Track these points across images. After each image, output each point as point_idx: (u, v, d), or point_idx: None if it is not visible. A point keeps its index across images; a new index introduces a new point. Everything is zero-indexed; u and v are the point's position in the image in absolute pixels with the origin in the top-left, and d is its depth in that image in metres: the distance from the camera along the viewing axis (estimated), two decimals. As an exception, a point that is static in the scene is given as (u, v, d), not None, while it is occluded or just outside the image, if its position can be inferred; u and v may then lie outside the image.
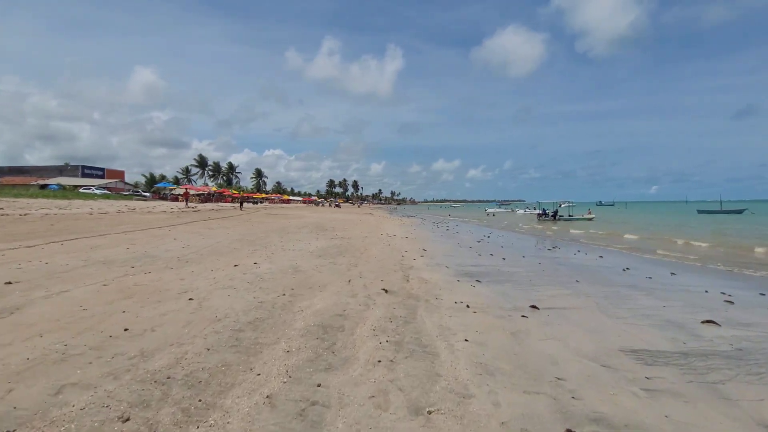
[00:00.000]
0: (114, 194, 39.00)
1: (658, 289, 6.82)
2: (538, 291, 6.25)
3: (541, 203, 39.79)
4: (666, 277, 8.17)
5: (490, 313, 4.78)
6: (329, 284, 5.81)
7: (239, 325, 3.66)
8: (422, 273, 7.32)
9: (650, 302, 5.82)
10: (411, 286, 6.05)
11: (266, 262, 7.28)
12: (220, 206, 37.77)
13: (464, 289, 6.13)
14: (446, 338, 3.75)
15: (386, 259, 8.78)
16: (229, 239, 10.58)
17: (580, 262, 10.14)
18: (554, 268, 8.82)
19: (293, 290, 5.24)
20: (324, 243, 11.29)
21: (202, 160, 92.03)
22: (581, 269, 8.81)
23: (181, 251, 7.94)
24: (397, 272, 7.25)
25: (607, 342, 3.93)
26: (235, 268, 6.47)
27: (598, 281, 7.38)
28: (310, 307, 4.45)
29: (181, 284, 5.10)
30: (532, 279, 7.28)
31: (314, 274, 6.53)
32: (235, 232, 12.50)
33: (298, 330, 3.66)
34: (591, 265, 9.65)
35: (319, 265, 7.35)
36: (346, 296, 5.13)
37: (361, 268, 7.45)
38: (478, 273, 7.69)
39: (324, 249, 9.89)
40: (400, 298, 5.23)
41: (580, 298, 5.84)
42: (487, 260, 9.67)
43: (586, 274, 8.08)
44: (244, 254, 8.13)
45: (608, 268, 9.23)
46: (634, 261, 10.89)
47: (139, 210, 21.21)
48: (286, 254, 8.54)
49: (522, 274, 7.82)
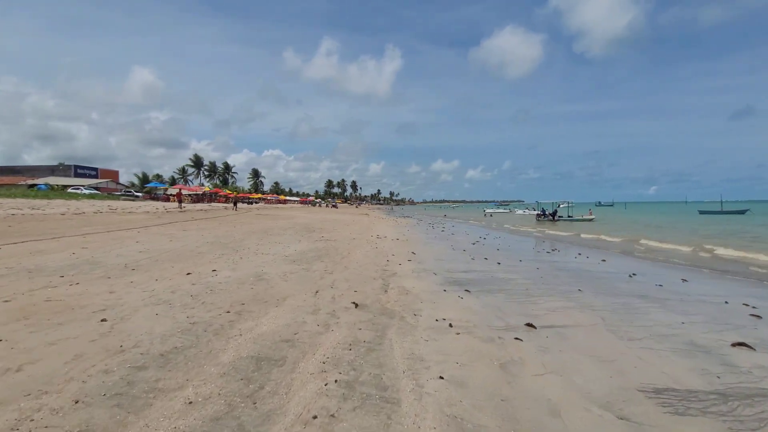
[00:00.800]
0: (102, 194, 38.06)
1: (671, 300, 5.98)
2: (535, 303, 5.41)
3: (540, 203, 38.99)
4: (678, 285, 7.34)
5: (476, 335, 3.94)
6: (291, 296, 4.96)
7: (145, 360, 2.81)
8: (405, 281, 6.48)
9: (666, 317, 4.99)
10: (388, 298, 5.20)
11: (228, 269, 6.43)
12: (212, 206, 36.88)
13: (450, 301, 5.29)
14: (415, 375, 2.90)
15: (368, 265, 7.93)
16: (200, 242, 9.72)
17: (582, 266, 9.31)
18: (554, 274, 7.99)
19: (243, 305, 4.39)
20: (305, 246, 10.44)
21: (198, 160, 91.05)
22: (583, 275, 7.98)
23: (134, 256, 7.08)
24: (376, 280, 6.40)
25: (623, 377, 3.10)
26: (187, 277, 5.62)
27: (604, 290, 6.55)
28: (253, 330, 3.61)
29: (104, 299, 4.25)
30: (529, 288, 6.44)
31: (278, 283, 5.67)
32: (211, 234, 11.64)
33: (223, 366, 2.81)
34: (594, 270, 8.82)
35: (288, 272, 6.50)
36: (305, 313, 4.28)
37: (337, 275, 6.60)
38: (468, 280, 6.85)
39: (302, 253, 9.04)
40: (371, 315, 4.38)
41: (584, 313, 5.00)
42: (480, 265, 8.83)
43: (589, 282, 7.25)
44: (207, 259, 7.28)
45: (613, 273, 8.40)
46: (640, 265, 10.06)
47: (121, 210, 20.33)
48: (256, 259, 7.69)
49: (518, 281, 6.98)
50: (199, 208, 30.28)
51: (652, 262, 11.06)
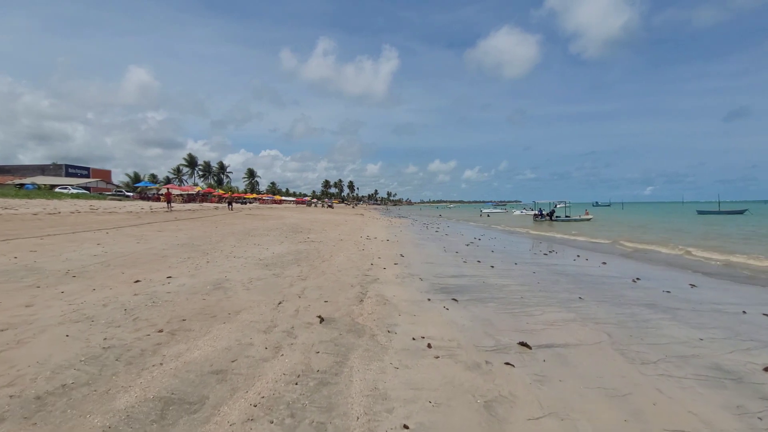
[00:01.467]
0: (87, 194, 37.13)
1: (683, 310, 5.33)
2: (531, 315, 4.74)
3: (537, 203, 38.42)
4: (686, 291, 6.70)
5: (459, 359, 3.26)
6: (247, 309, 4.26)
7: (8, 407, 2.11)
8: (386, 288, 5.79)
9: (680, 331, 4.33)
10: (362, 310, 4.51)
11: (186, 276, 5.71)
12: (203, 206, 36.05)
13: (433, 313, 4.61)
14: (373, 423, 2.22)
15: (349, 269, 7.24)
16: (170, 244, 8.99)
17: (581, 270, 8.66)
18: (551, 279, 7.33)
19: (183, 322, 3.69)
20: (286, 248, 9.74)
21: (192, 160, 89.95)
22: (583, 280, 7.32)
23: (84, 261, 6.35)
24: (353, 288, 5.71)
25: (641, 421, 2.42)
26: (132, 286, 4.90)
27: (607, 297, 5.89)
28: (181, 356, 2.91)
29: (12, 316, 3.53)
30: (524, 296, 5.77)
31: (238, 292, 4.97)
32: (186, 235, 10.90)
33: (113, 414, 2.11)
34: (594, 274, 8.17)
35: (254, 279, 5.79)
36: (256, 331, 3.58)
37: (311, 282, 5.91)
38: (457, 287, 6.17)
39: (280, 256, 8.33)
40: (337, 333, 3.69)
41: (587, 327, 4.33)
42: (472, 268, 8.15)
43: (590, 288, 6.59)
44: (167, 264, 6.56)
45: (615, 278, 7.75)
46: (642, 269, 9.42)
47: (102, 210, 19.53)
48: (224, 263, 6.97)
49: (512, 287, 6.31)
50: (189, 208, 29.47)
51: (655, 265, 10.43)
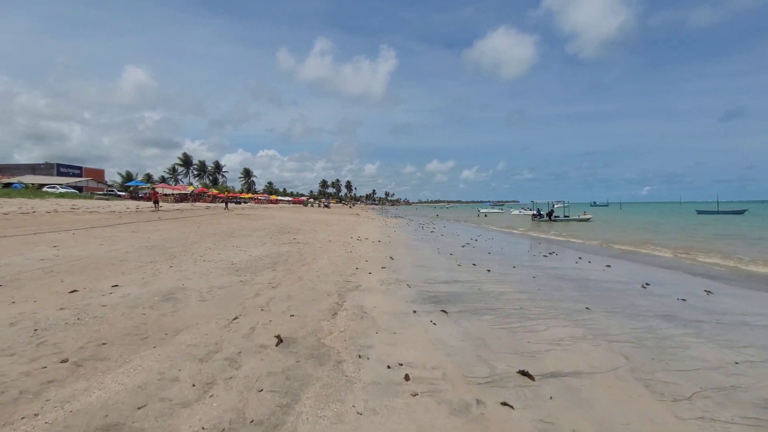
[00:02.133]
0: (77, 193, 36.23)
1: (706, 323, 4.65)
2: (532, 330, 4.04)
3: (536, 203, 37.81)
4: (703, 299, 6.03)
5: (443, 397, 2.56)
6: (191, 327, 3.55)
7: None
8: (367, 298, 5.08)
9: (710, 352, 3.65)
10: (333, 327, 3.81)
11: (136, 284, 4.98)
12: (195, 206, 35.23)
13: (417, 330, 3.90)
14: None
15: (330, 275, 6.53)
16: (138, 246, 8.25)
17: (585, 274, 7.98)
18: (553, 284, 6.64)
19: (102, 346, 2.97)
20: (267, 250, 9.01)
21: (187, 159, 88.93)
22: (589, 286, 6.64)
23: (24, 266, 5.61)
24: (329, 297, 5.00)
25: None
26: (63, 298, 4.17)
27: (617, 307, 5.20)
28: (73, 400, 2.19)
29: None
30: (524, 306, 5.07)
31: (190, 305, 4.25)
32: (160, 236, 10.15)
33: None
34: (599, 279, 7.48)
35: (217, 288, 5.07)
36: (190, 359, 2.86)
37: (281, 290, 5.19)
38: (449, 295, 5.47)
39: (256, 259, 7.61)
40: (293, 359, 2.98)
41: (599, 347, 3.64)
42: (466, 273, 7.46)
43: (596, 295, 5.91)
44: (121, 270, 5.83)
45: (622, 283, 7.07)
46: (650, 273, 8.75)
47: (83, 210, 18.73)
48: (189, 268, 6.25)
49: (510, 295, 5.62)
50: (178, 208, 28.67)
51: (663, 268, 9.76)
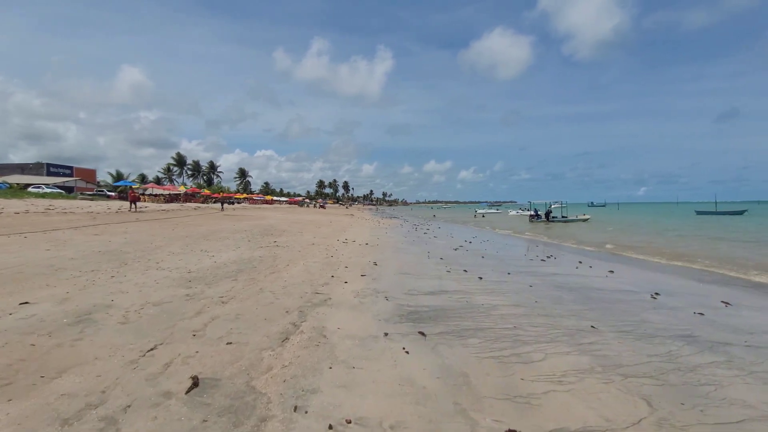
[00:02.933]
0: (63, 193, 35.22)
1: (734, 345, 3.89)
2: (527, 360, 3.26)
3: (533, 204, 37.13)
4: (723, 313, 5.27)
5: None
6: (82, 365, 2.73)
7: None
8: (333, 316, 4.29)
9: (749, 391, 2.88)
10: (276, 359, 3.01)
11: (53, 300, 4.16)
12: (184, 207, 34.30)
13: (384, 362, 3.11)
14: None
15: (298, 285, 5.73)
16: (90, 251, 7.41)
17: (587, 282, 7.21)
18: (552, 295, 5.86)
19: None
20: (237, 255, 8.20)
21: (180, 159, 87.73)
22: (592, 297, 5.87)
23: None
24: (287, 315, 4.20)
25: None
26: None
27: (627, 324, 4.43)
28: None
29: None
30: (518, 323, 4.29)
31: (104, 330, 3.43)
32: (124, 239, 9.31)
33: None
34: (603, 287, 6.72)
35: (152, 304, 4.25)
36: (45, 422, 2.05)
37: (232, 306, 4.39)
38: (432, 311, 4.69)
39: (221, 266, 6.80)
40: (201, 417, 2.18)
41: (612, 386, 2.85)
42: (456, 281, 6.68)
43: (602, 309, 5.14)
44: (48, 281, 5.00)
45: (629, 293, 6.31)
46: (657, 279, 8.00)
47: (60, 210, 17.83)
48: (134, 278, 5.43)
49: (503, 310, 4.84)
50: (165, 209, 27.76)
51: (670, 274, 9.02)
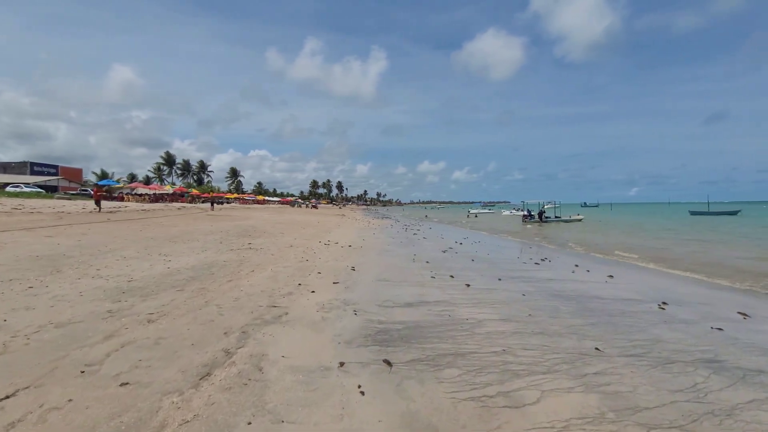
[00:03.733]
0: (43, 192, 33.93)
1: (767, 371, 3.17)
2: (518, 405, 2.49)
3: (526, 204, 36.59)
4: (743, 327, 4.57)
5: None
6: None
7: None
8: (282, 337, 3.50)
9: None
10: (177, 411, 2.21)
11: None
12: (168, 206, 33.18)
13: (327, 412, 2.32)
14: None
15: (255, 296, 4.93)
16: (23, 256, 6.52)
17: (585, 288, 6.50)
18: (548, 305, 5.13)
19: None
20: (198, 260, 7.37)
21: (170, 158, 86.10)
22: (592, 308, 5.14)
23: None
24: (226, 337, 3.40)
25: None
26: None
27: (637, 345, 3.70)
28: None
29: None
30: (508, 345, 3.54)
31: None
32: (74, 242, 8.40)
33: None
34: (604, 295, 6.00)
35: (51, 326, 3.42)
36: None
37: (156, 327, 3.57)
38: (405, 329, 3.92)
39: (168, 275, 5.97)
40: None
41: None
42: (439, 289, 5.92)
43: (606, 323, 4.41)
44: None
45: (633, 302, 5.59)
46: (662, 285, 7.32)
47: (27, 210, 16.79)
48: (53, 291, 4.58)
49: (491, 326, 4.08)
50: (145, 208, 26.67)
51: (675, 279, 8.36)
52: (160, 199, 42.58)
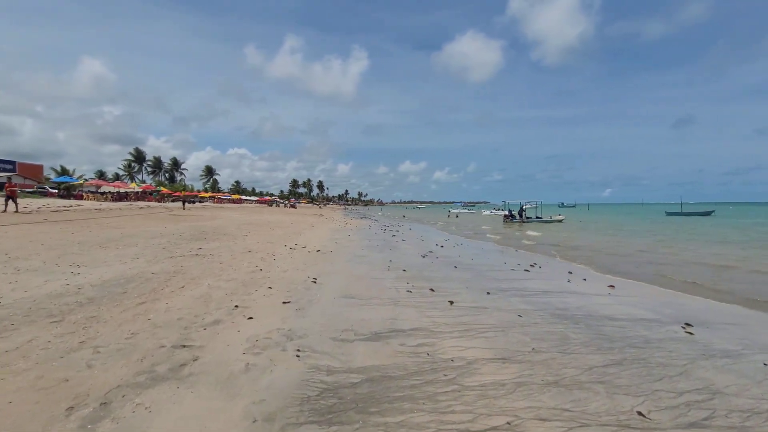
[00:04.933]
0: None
1: None
2: None
3: (508, 204, 36.10)
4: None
5: None
6: None
7: None
8: (169, 410, 2.20)
9: None
10: None
11: None
12: (130, 206, 30.79)
13: None
14: None
15: (164, 327, 3.59)
16: None
17: (590, 304, 5.46)
18: (553, 333, 4.02)
19: None
20: (125, 269, 5.92)
21: (139, 155, 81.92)
22: (607, 334, 4.07)
23: None
24: (69, 416, 2.08)
25: None
26: None
27: (691, 404, 2.61)
28: None
29: None
30: (511, 417, 2.37)
31: None
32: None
33: None
34: (614, 314, 4.96)
35: None
36: None
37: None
38: (362, 384, 2.69)
39: (60, 295, 4.54)
40: None
41: None
42: (416, 309, 4.74)
43: (634, 361, 3.31)
44: None
45: (652, 323, 4.57)
46: (664, 294, 6.40)
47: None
48: None
49: (484, 376, 2.91)
50: (100, 207, 24.43)
51: (678, 289, 7.48)
52: (124, 197, 39.82)
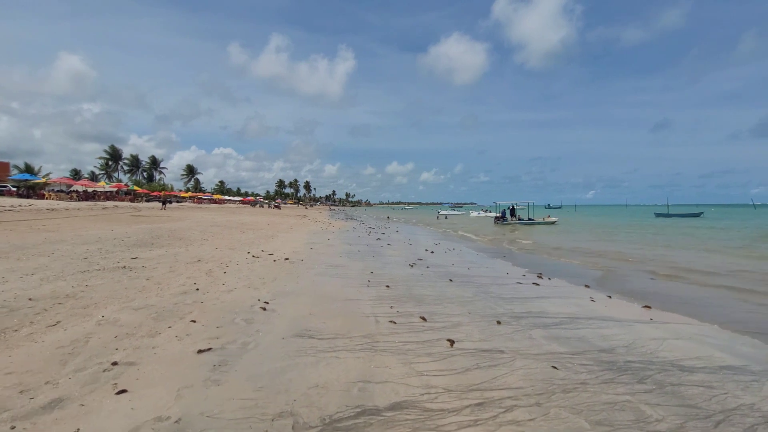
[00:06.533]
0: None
1: None
2: None
3: (499, 205, 34.92)
4: None
5: None
6: None
7: None
8: None
9: None
10: None
11: None
12: (95, 205, 28.44)
13: None
14: None
15: None
16: None
17: (640, 342, 3.99)
18: (618, 406, 2.49)
19: None
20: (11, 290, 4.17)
21: (115, 153, 78.19)
22: (691, 401, 2.57)
23: None
24: None
25: None
26: None
27: None
28: None
29: None
30: None
31: None
32: None
33: None
34: (685, 362, 3.50)
35: None
36: None
37: None
38: None
39: None
40: None
41: None
42: (401, 357, 3.17)
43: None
44: None
45: (745, 377, 3.10)
46: (732, 325, 5.00)
47: None
48: None
49: None
50: (53, 207, 22.14)
51: (739, 311, 6.11)
52: (92, 197, 37.17)
